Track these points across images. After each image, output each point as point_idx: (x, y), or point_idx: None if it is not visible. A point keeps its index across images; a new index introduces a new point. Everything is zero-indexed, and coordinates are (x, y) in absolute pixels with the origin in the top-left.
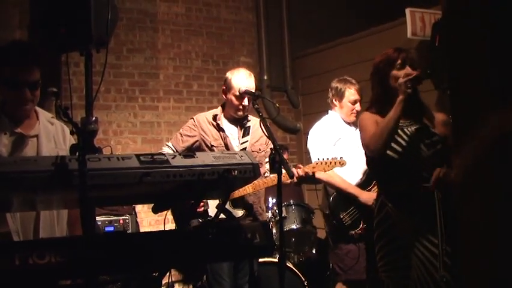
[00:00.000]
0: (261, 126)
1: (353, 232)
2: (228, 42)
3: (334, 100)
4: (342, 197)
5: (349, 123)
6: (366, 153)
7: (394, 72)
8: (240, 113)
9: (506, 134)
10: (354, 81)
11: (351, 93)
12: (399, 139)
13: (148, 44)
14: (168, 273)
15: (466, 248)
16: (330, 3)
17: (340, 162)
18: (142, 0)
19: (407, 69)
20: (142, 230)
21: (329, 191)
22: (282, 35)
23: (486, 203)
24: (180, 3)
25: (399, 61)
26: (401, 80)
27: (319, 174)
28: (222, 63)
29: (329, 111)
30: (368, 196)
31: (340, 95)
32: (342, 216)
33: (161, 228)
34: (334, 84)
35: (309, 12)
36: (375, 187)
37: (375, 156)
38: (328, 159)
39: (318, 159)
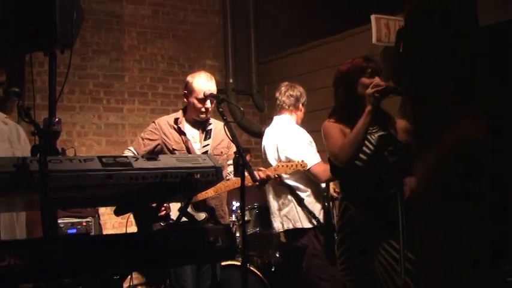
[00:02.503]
0: (225, 130)
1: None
2: (194, 45)
3: (298, 105)
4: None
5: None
6: (330, 161)
7: (364, 79)
8: (203, 116)
9: (467, 142)
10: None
11: (305, 98)
12: (363, 147)
13: (114, 46)
14: (129, 277)
15: (424, 252)
16: (296, 9)
17: (301, 164)
18: (109, 2)
19: (377, 80)
20: (105, 232)
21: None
22: (249, 39)
23: (445, 209)
24: (147, 6)
25: (369, 69)
26: (369, 91)
27: (324, 176)
28: (188, 66)
29: (284, 115)
30: None
31: (302, 100)
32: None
33: (125, 231)
34: (297, 90)
35: (276, 17)
36: None
37: (343, 166)
38: (289, 161)
39: (280, 161)
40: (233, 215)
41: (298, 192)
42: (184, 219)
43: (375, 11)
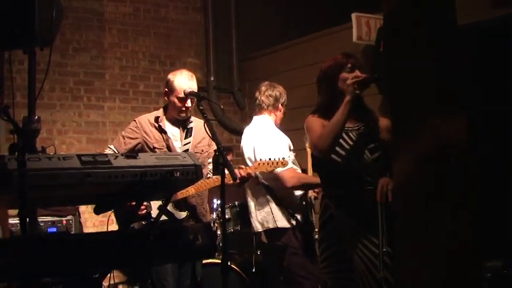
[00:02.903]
0: (205, 128)
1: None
2: (175, 43)
3: (277, 105)
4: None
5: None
6: (312, 155)
7: (344, 74)
8: (183, 115)
9: (443, 142)
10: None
11: (285, 98)
12: (343, 143)
13: (94, 43)
14: (109, 275)
15: (402, 247)
16: (278, 7)
17: (282, 162)
18: None
19: (357, 73)
20: (86, 231)
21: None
22: (230, 37)
23: (423, 206)
24: (128, 3)
25: (349, 65)
26: (349, 81)
27: (291, 182)
28: (169, 64)
29: (263, 116)
30: None
31: (281, 100)
32: (312, 220)
33: (105, 229)
34: (276, 89)
35: (258, 14)
36: None
37: (322, 156)
38: (270, 159)
39: (260, 159)
40: (214, 213)
41: (275, 192)
42: (164, 217)
43: (356, 9)
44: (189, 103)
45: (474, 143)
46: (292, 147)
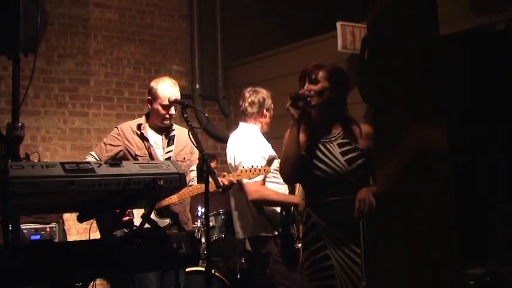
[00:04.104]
0: (189, 136)
1: (299, 245)
2: (160, 50)
3: (262, 111)
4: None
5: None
6: None
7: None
8: (167, 122)
9: (421, 151)
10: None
11: (269, 102)
12: (321, 155)
13: (79, 50)
14: (92, 283)
15: (384, 255)
16: (263, 15)
17: (264, 169)
18: (75, 6)
19: (302, 90)
20: (70, 238)
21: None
22: (215, 44)
23: (405, 215)
24: (114, 10)
25: (301, 80)
26: (287, 105)
27: (251, 196)
28: (154, 71)
29: (249, 124)
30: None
31: (266, 106)
32: (292, 231)
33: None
34: (260, 94)
35: (243, 22)
36: None
37: (287, 182)
38: (252, 166)
39: (243, 167)
40: (198, 221)
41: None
42: (147, 225)
43: (341, 18)
44: (173, 110)
45: (455, 150)
46: (276, 157)
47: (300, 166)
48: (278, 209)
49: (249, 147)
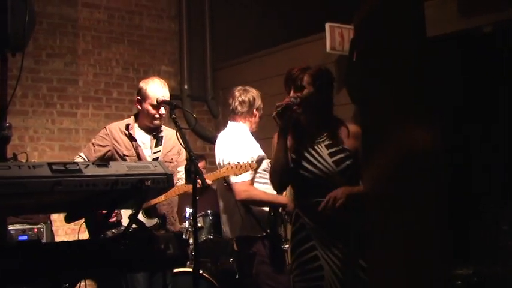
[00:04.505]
0: (177, 136)
1: (287, 246)
2: (149, 51)
3: (252, 111)
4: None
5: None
6: None
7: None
8: (157, 122)
9: (413, 151)
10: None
11: (259, 102)
12: (309, 157)
13: (68, 50)
14: (80, 284)
15: (373, 256)
16: (252, 16)
17: (250, 165)
18: (63, 5)
19: (286, 99)
20: (58, 239)
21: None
22: (204, 45)
23: (394, 215)
24: (103, 10)
25: (287, 85)
26: (273, 113)
27: (240, 196)
28: (143, 72)
29: (238, 123)
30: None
31: (255, 105)
32: (280, 233)
33: (77, 237)
34: (250, 94)
35: (232, 23)
36: None
37: (277, 190)
38: (238, 163)
39: (229, 163)
40: (186, 222)
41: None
42: (134, 225)
43: (330, 19)
44: (163, 110)
45: (446, 151)
46: (265, 157)
47: (289, 173)
48: (266, 209)
49: (237, 147)
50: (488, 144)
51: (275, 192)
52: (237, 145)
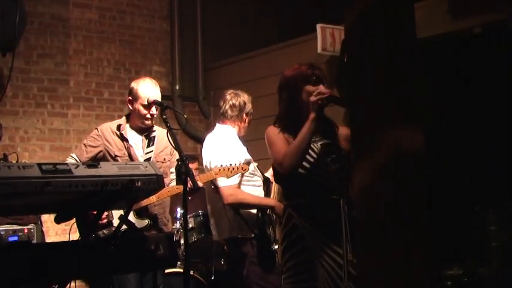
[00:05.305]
0: (167, 137)
1: (276, 246)
2: (140, 51)
3: (242, 115)
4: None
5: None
6: (273, 168)
7: (308, 87)
8: (148, 122)
9: (401, 152)
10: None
11: (250, 107)
12: (306, 155)
13: (59, 50)
14: (70, 284)
15: (363, 257)
16: (244, 16)
17: (242, 167)
18: (54, 5)
19: (321, 87)
20: (48, 239)
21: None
22: (196, 45)
23: (382, 216)
24: (94, 10)
25: (314, 77)
26: (313, 98)
27: (227, 200)
28: (134, 72)
29: (227, 126)
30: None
31: (246, 110)
32: (269, 233)
33: (68, 238)
34: (241, 98)
35: (223, 24)
36: None
37: (287, 174)
38: (230, 165)
39: (221, 165)
40: (177, 222)
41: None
42: (125, 226)
43: (321, 20)
44: (154, 110)
45: (434, 152)
46: (251, 160)
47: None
48: (254, 211)
49: (225, 149)
50: (476, 145)
51: (262, 194)
52: (225, 148)
